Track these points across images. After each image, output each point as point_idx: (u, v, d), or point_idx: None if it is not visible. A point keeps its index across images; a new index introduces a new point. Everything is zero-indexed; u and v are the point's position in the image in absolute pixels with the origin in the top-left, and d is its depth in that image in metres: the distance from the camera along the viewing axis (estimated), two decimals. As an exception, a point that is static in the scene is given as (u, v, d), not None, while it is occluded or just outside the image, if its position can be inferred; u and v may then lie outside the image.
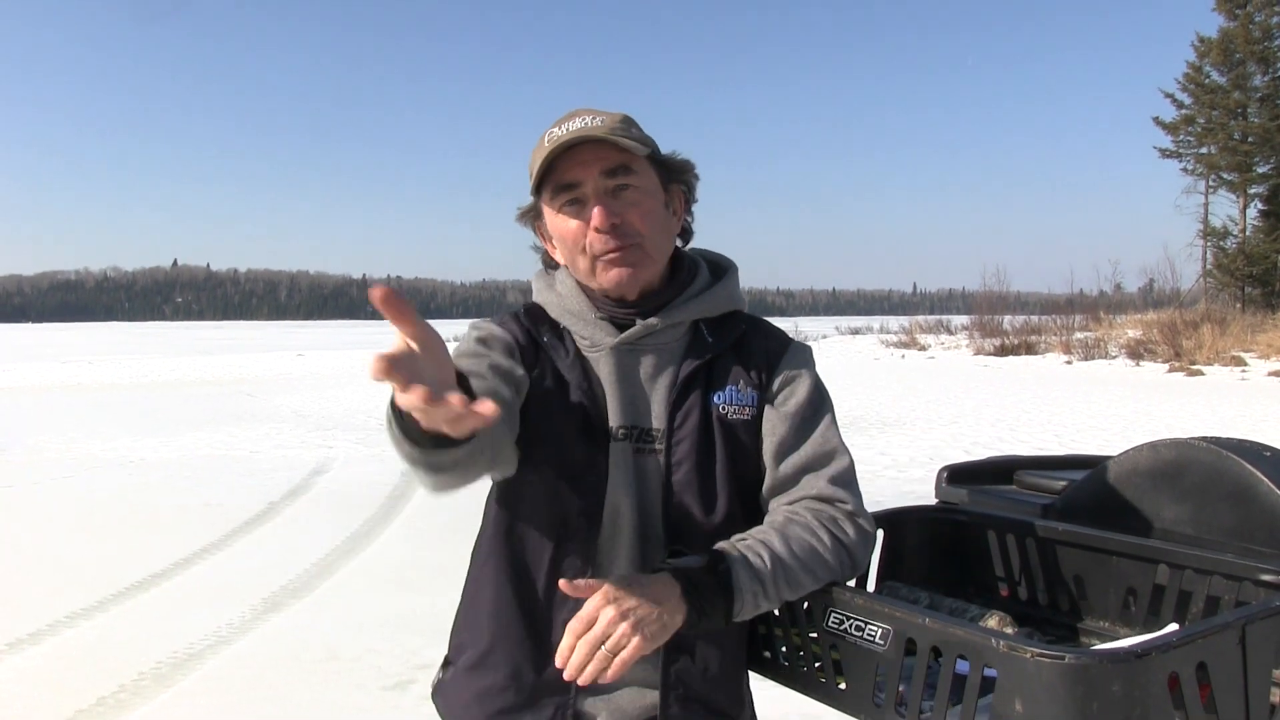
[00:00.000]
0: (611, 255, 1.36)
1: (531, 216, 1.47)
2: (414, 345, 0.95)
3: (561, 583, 1.16)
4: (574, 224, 1.37)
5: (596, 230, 1.35)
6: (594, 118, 1.36)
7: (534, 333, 1.43)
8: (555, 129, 1.36)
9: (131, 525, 6.81)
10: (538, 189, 1.39)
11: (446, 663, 1.49)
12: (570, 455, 1.36)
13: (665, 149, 1.43)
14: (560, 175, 1.36)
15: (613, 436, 1.37)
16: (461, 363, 1.27)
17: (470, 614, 1.46)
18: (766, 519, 1.36)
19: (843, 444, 1.40)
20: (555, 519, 1.37)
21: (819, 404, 1.42)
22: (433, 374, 0.95)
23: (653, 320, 1.39)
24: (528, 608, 1.38)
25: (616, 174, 1.36)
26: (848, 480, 1.37)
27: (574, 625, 1.14)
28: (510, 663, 1.38)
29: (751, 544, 1.27)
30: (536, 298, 1.48)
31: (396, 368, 0.90)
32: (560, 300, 1.44)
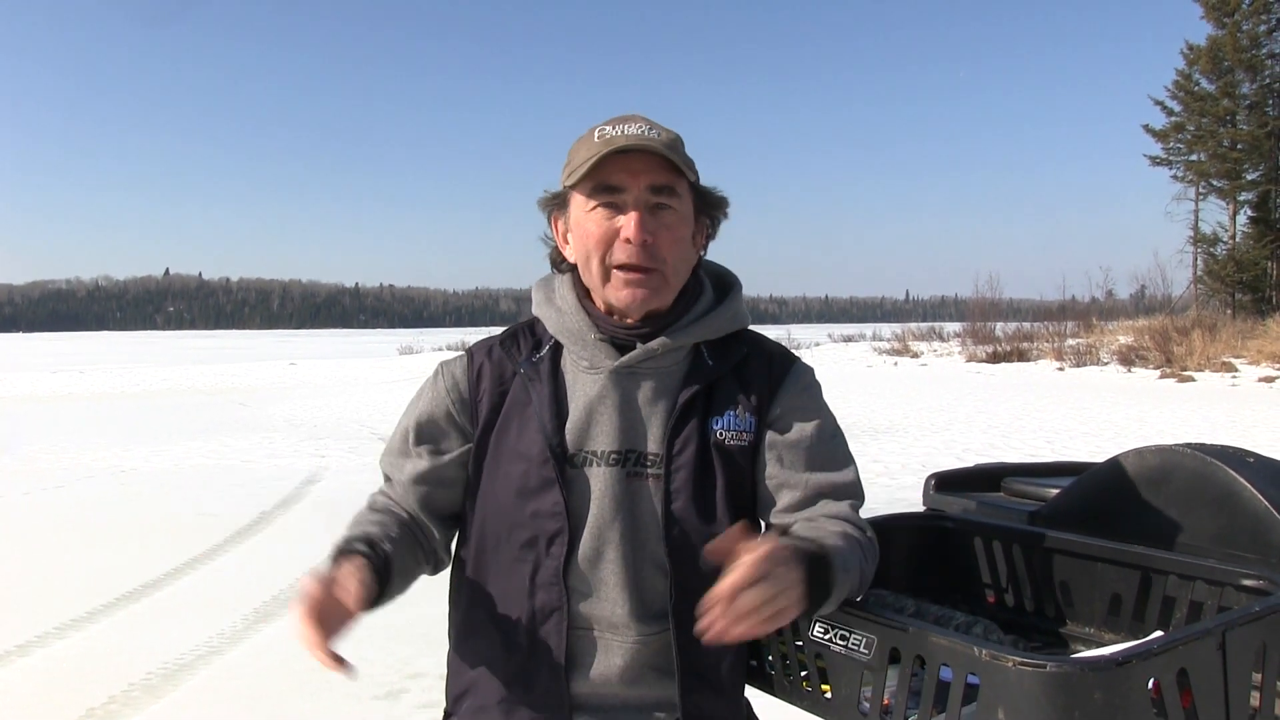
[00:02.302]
0: (632, 274, 1.34)
1: (554, 205, 1.44)
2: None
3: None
4: (604, 227, 1.35)
5: (627, 241, 1.33)
6: (651, 128, 1.34)
7: (504, 365, 1.43)
8: (609, 128, 1.34)
9: (123, 535, 6.79)
10: (575, 181, 1.36)
11: (447, 715, 1.48)
12: (527, 483, 1.35)
13: None
14: (606, 175, 1.33)
15: (603, 460, 1.35)
16: (379, 502, 1.46)
17: (458, 662, 1.45)
18: (803, 525, 1.32)
19: (856, 472, 1.40)
20: (524, 549, 1.36)
21: (827, 428, 1.40)
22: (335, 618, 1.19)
23: (653, 345, 1.37)
24: (513, 643, 1.37)
25: (662, 192, 1.35)
26: (857, 501, 1.38)
27: (721, 591, 1.06)
28: (504, 703, 1.37)
29: (836, 542, 1.24)
30: (536, 310, 1.47)
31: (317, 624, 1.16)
32: (560, 317, 1.43)
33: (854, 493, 1.38)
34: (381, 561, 1.30)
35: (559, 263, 1.48)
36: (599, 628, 1.35)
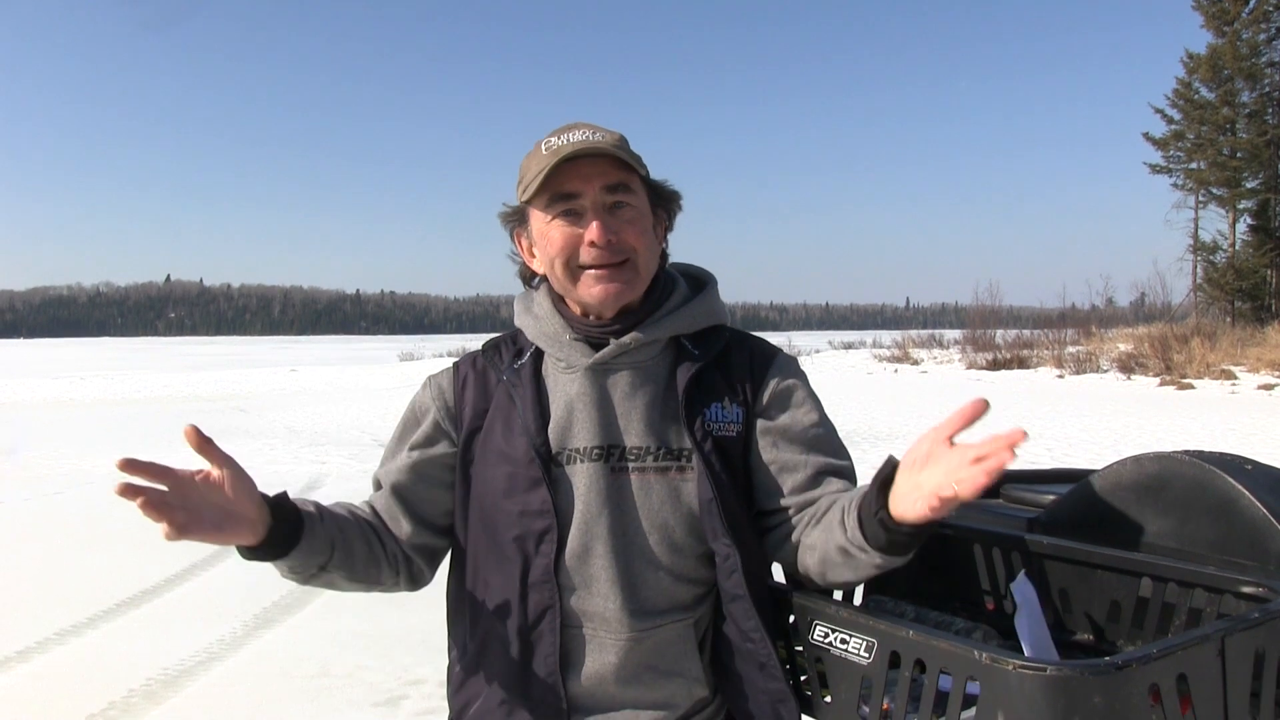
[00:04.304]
0: (603, 270, 1.36)
1: (514, 221, 1.47)
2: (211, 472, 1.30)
3: None
4: (567, 234, 1.37)
5: (592, 244, 1.35)
6: (595, 132, 1.37)
7: (488, 374, 1.46)
8: (554, 138, 1.37)
9: (123, 541, 6.78)
10: (530, 196, 1.38)
11: None
12: (515, 484, 1.37)
13: (658, 163, 1.45)
14: (560, 185, 1.36)
15: (586, 457, 1.36)
16: (379, 503, 1.48)
17: (458, 668, 1.46)
18: (826, 504, 1.35)
19: (852, 460, 1.44)
20: (514, 549, 1.37)
21: (821, 415, 1.43)
22: (215, 501, 1.31)
23: (625, 340, 1.39)
24: (510, 645, 1.38)
25: (616, 190, 1.37)
26: (855, 480, 1.41)
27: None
28: (505, 704, 1.38)
29: None
30: (517, 321, 1.50)
31: (160, 509, 1.21)
32: (537, 323, 1.46)
33: (854, 479, 1.40)
34: (300, 511, 1.38)
35: (529, 278, 1.51)
36: (592, 624, 1.35)
